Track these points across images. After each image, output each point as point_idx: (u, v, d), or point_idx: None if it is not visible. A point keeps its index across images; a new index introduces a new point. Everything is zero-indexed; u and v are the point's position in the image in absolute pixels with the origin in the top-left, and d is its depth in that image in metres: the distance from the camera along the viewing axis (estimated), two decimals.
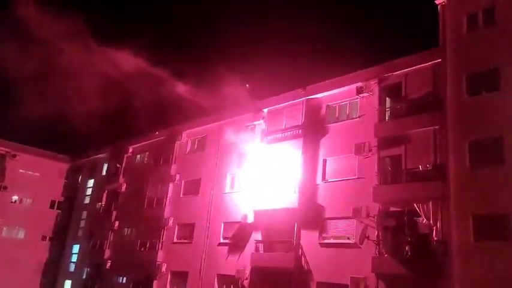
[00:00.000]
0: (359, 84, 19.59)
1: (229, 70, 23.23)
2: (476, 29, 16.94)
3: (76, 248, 35.96)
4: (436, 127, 16.86)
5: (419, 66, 18.04)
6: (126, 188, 32.25)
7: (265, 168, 22.35)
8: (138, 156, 33.05)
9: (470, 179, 15.52)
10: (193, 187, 27.01)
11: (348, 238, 18.46)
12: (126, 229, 30.97)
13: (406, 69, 18.41)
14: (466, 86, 16.48)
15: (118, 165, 33.54)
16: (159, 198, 28.67)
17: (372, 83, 19.35)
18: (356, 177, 18.94)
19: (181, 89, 24.49)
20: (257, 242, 21.72)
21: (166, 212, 27.72)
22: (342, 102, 20.84)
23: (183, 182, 27.97)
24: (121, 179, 32.67)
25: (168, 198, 28.18)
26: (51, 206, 39.20)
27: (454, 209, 15.57)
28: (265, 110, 23.68)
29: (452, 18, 17.54)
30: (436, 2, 17.99)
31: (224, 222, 24.19)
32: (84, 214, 36.63)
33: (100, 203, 34.02)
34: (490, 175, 15.10)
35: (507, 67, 15.53)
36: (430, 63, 17.76)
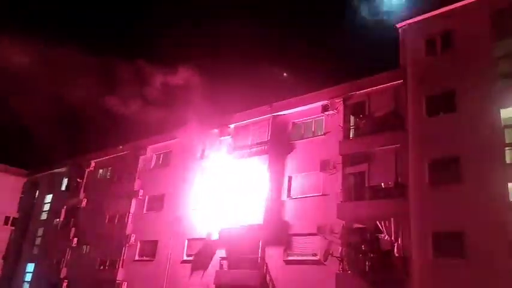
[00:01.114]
0: (324, 102, 19.99)
1: (196, 86, 23.10)
2: (434, 53, 17.73)
3: (31, 267, 34.12)
4: (398, 145, 17.34)
5: (382, 86, 18.63)
6: (86, 203, 31.14)
7: (231, 184, 22.20)
8: (101, 170, 32.12)
9: (430, 196, 15.98)
10: (157, 203, 26.46)
11: (313, 255, 18.50)
12: (85, 246, 29.75)
13: (370, 89, 18.96)
14: (426, 106, 17.11)
15: (79, 180, 32.45)
16: (121, 215, 27.86)
17: (337, 101, 19.77)
18: (321, 194, 19.13)
19: (146, 104, 24.15)
20: (221, 259, 21.41)
21: (129, 228, 26.93)
22: (308, 119, 21.14)
23: (146, 197, 27.34)
24: (81, 194, 31.54)
25: (130, 214, 27.42)
26: (5, 223, 37.22)
27: (414, 226, 15.95)
28: (232, 126, 23.67)
29: (411, 42, 18.29)
30: (397, 25, 18.75)
31: (188, 239, 23.72)
32: (41, 231, 34.98)
33: (58, 219, 32.67)
34: (448, 193, 15.60)
35: (463, 90, 16.26)
36: (392, 83, 18.38)
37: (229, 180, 22.38)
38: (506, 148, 14.92)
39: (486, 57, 16.04)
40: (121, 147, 30.28)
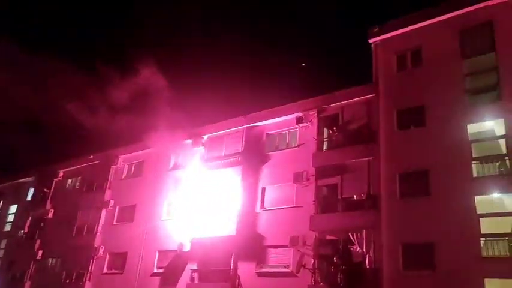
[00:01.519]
0: (299, 114, 20.14)
1: (169, 96, 22.87)
2: (405, 68, 18.22)
3: None
4: (370, 158, 17.60)
5: (355, 99, 18.95)
6: (53, 214, 30.10)
7: (203, 195, 21.95)
8: (69, 180, 31.20)
9: (400, 209, 16.24)
10: (128, 214, 25.84)
11: (285, 267, 18.40)
12: (50, 259, 28.67)
13: (343, 102, 19.24)
14: (397, 120, 17.50)
15: (46, 190, 31.40)
16: (89, 226, 27.04)
17: (311, 113, 19.96)
18: (294, 205, 19.14)
19: (119, 113, 23.73)
20: (193, 271, 21.01)
21: (97, 240, 26.14)
22: (282, 131, 21.22)
23: (117, 208, 26.68)
24: (48, 205, 30.46)
25: (99, 225, 26.65)
26: None
27: (385, 238, 16.14)
28: (205, 137, 23.50)
29: (383, 57, 18.75)
30: (370, 41, 19.19)
31: (159, 251, 23.21)
32: (4, 243, 33.51)
33: (22, 231, 31.40)
34: (418, 206, 15.91)
35: (432, 105, 16.72)
36: (364, 97, 18.73)
37: (202, 191, 22.13)
38: (473, 162, 15.37)
39: (454, 74, 16.57)
40: (91, 156, 29.55)
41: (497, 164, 15.24)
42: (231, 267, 19.81)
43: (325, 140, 19.62)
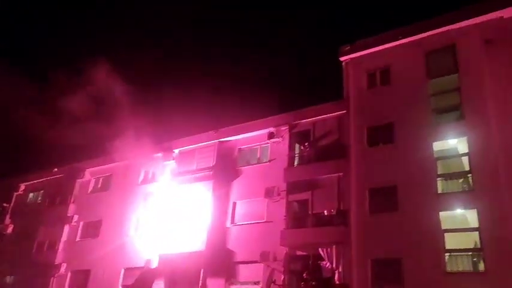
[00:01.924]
0: (270, 129, 20.27)
1: (139, 108, 22.53)
2: (375, 86, 18.77)
3: None
4: (341, 174, 17.85)
5: (326, 115, 19.28)
6: (13, 229, 28.75)
7: (173, 210, 21.55)
8: (31, 194, 29.96)
9: (369, 224, 16.47)
10: (93, 229, 25.02)
11: (255, 283, 18.17)
12: (8, 277, 27.17)
13: (315, 118, 19.54)
14: (367, 137, 17.90)
15: (5, 204, 29.97)
16: (51, 242, 25.93)
17: (283, 129, 20.13)
18: (265, 220, 19.08)
19: (86, 125, 23.09)
20: None
21: (59, 257, 25.06)
22: (254, 146, 21.27)
23: (81, 223, 25.76)
24: (7, 220, 29.09)
25: (62, 241, 25.59)
26: None
27: (354, 254, 16.28)
28: (177, 151, 23.21)
29: (354, 75, 19.27)
30: (341, 59, 19.69)
31: (125, 268, 22.45)
32: None
33: None
34: (386, 221, 16.18)
35: (401, 122, 17.23)
36: (336, 113, 19.09)
37: (171, 206, 21.72)
38: (438, 178, 15.86)
39: (420, 94, 17.20)
40: (56, 169, 28.53)
41: (461, 180, 15.80)
42: (200, 284, 19.38)
43: (296, 155, 19.79)
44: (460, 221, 15.62)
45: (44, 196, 28.88)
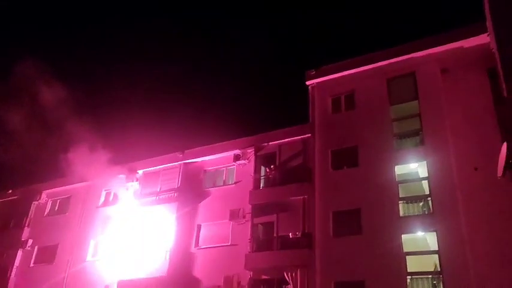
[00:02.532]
0: (236, 151, 20.20)
1: (103, 129, 22.00)
2: (340, 110, 19.18)
3: None
4: (306, 197, 17.91)
5: (292, 138, 19.46)
6: None
7: (134, 233, 20.84)
8: None
9: (333, 247, 16.49)
10: (48, 254, 23.76)
11: None
12: None
13: (281, 141, 19.66)
14: (331, 160, 18.13)
15: None
16: (2, 267, 24.33)
17: (249, 151, 20.12)
18: (230, 244, 18.76)
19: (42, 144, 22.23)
20: None
21: (11, 284, 23.52)
22: (220, 168, 21.10)
23: (36, 248, 24.41)
24: None
25: (14, 267, 24.10)
26: None
27: (318, 276, 16.20)
28: (140, 172, 22.67)
29: (319, 99, 19.65)
30: (307, 83, 20.07)
31: None
32: None
33: None
34: (350, 244, 16.26)
35: (363, 146, 17.60)
36: (301, 137, 19.30)
37: (133, 229, 21.02)
38: (400, 202, 16.19)
39: (383, 119, 17.70)
40: (10, 191, 27.15)
41: (421, 204, 16.18)
42: None
43: (262, 177, 19.75)
44: (421, 244, 15.93)
45: None
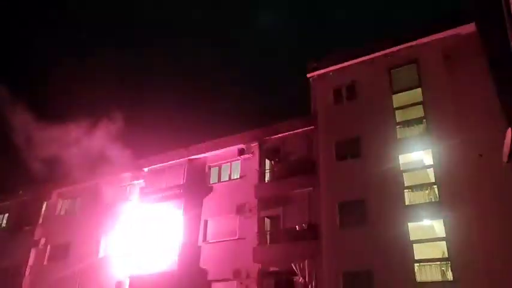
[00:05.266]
0: (241, 146, 20.26)
1: (110, 128, 22.17)
2: (341, 102, 19.10)
3: None
4: (311, 189, 17.97)
5: (295, 131, 19.45)
6: None
7: (143, 230, 21.13)
8: None
9: (340, 238, 16.58)
10: (62, 252, 24.23)
11: None
12: None
13: (284, 134, 19.67)
14: (335, 151, 18.13)
15: None
16: (16, 267, 24.88)
17: (253, 145, 20.17)
18: (237, 237, 18.95)
19: (53, 145, 22.50)
20: None
21: (26, 283, 24.05)
22: (225, 162, 21.19)
23: (48, 246, 24.88)
24: None
25: (28, 266, 24.63)
26: None
27: (326, 267, 16.34)
28: (146, 169, 22.88)
29: (321, 91, 19.58)
30: (308, 75, 19.99)
31: None
32: None
33: None
34: (356, 234, 16.34)
35: (366, 137, 17.56)
36: (305, 129, 19.28)
37: (142, 225, 21.30)
38: (405, 190, 16.18)
39: (385, 108, 17.60)
40: (21, 192, 27.60)
41: (427, 192, 16.17)
42: None
43: (267, 171, 19.83)
44: (428, 231, 15.94)
45: (9, 220, 27.84)
